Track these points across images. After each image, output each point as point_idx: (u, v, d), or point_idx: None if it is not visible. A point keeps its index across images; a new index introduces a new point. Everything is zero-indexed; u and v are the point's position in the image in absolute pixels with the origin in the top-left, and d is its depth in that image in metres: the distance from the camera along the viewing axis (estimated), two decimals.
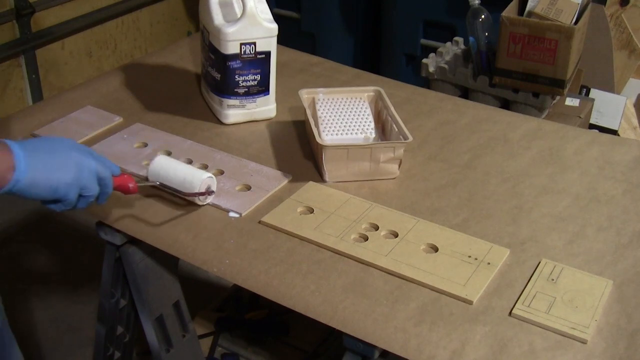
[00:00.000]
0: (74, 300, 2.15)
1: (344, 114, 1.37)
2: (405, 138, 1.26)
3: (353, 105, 1.39)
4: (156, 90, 1.58)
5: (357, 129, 1.35)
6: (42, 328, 2.09)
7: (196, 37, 1.63)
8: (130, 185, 1.11)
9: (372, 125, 1.36)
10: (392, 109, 1.35)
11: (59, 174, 0.99)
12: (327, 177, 1.27)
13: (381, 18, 2.57)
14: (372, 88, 1.43)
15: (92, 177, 1.03)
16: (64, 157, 1.01)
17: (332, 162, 1.25)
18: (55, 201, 1.01)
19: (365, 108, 1.39)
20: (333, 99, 1.40)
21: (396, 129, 1.31)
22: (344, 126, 1.35)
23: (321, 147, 1.24)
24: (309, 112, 1.35)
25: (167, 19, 3.17)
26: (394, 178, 1.29)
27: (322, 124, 1.34)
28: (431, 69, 1.99)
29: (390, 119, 1.34)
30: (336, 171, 1.27)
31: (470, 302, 1.01)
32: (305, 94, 1.40)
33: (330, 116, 1.36)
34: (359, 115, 1.37)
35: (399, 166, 1.29)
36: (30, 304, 2.16)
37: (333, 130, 1.33)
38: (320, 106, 1.38)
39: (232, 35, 1.35)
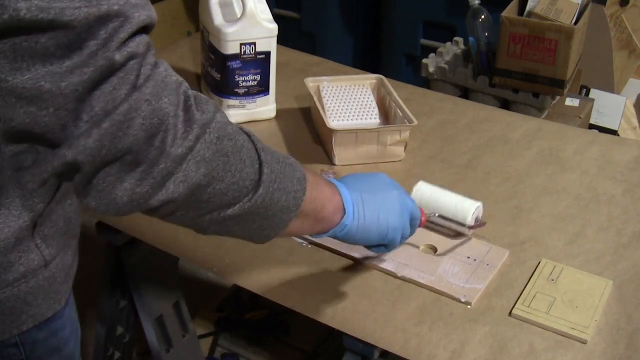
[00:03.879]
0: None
1: (349, 100, 1.40)
2: (410, 121, 1.30)
3: (356, 92, 1.43)
4: None
5: (362, 115, 1.38)
6: None
7: (196, 37, 1.63)
8: (423, 218, 1.01)
9: (376, 110, 1.39)
10: (396, 94, 1.39)
11: (387, 217, 0.92)
12: (336, 160, 1.32)
13: (381, 18, 2.57)
14: (374, 76, 1.48)
15: (409, 218, 0.96)
16: (388, 197, 0.93)
17: (341, 146, 1.30)
18: (379, 245, 0.95)
19: (369, 95, 1.42)
20: (337, 87, 1.43)
21: (400, 114, 1.35)
22: (349, 112, 1.38)
23: (331, 132, 1.28)
24: (315, 99, 1.38)
25: (167, 19, 3.17)
26: (400, 160, 1.34)
27: (328, 111, 1.37)
28: (431, 69, 1.99)
29: (394, 104, 1.38)
30: (345, 154, 1.31)
31: (468, 304, 1.01)
32: (310, 82, 1.43)
33: (335, 103, 1.39)
34: (362, 101, 1.41)
35: (405, 148, 1.33)
36: None
37: (339, 116, 1.37)
38: (325, 94, 1.41)
39: (232, 36, 1.35)
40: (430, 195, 1.14)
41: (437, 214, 1.11)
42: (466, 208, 1.11)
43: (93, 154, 0.65)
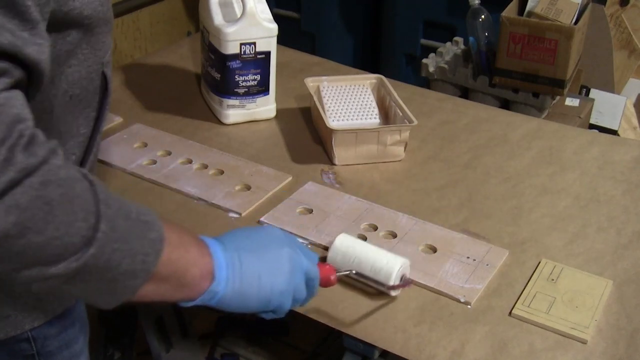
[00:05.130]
0: None
1: (349, 100, 1.40)
2: (410, 121, 1.31)
3: (356, 92, 1.42)
4: (156, 90, 1.58)
5: (362, 115, 1.38)
6: None
7: (196, 37, 1.64)
8: (332, 277, 0.91)
9: (376, 110, 1.39)
10: (396, 94, 1.39)
11: (271, 281, 0.80)
12: (336, 160, 1.31)
13: (381, 18, 2.57)
14: (374, 76, 1.48)
15: (303, 279, 0.85)
16: (275, 256, 0.81)
17: (341, 145, 1.30)
18: (265, 311, 0.86)
19: (369, 95, 1.42)
20: (337, 87, 1.43)
21: (400, 113, 1.35)
22: (349, 112, 1.38)
23: (331, 132, 1.28)
24: (315, 99, 1.38)
25: (167, 19, 3.17)
26: (400, 160, 1.34)
27: (328, 111, 1.37)
28: (431, 69, 1.99)
29: (394, 104, 1.38)
30: (345, 154, 1.31)
31: (468, 304, 1.01)
32: (310, 82, 1.43)
33: (335, 103, 1.39)
34: (363, 101, 1.41)
35: (405, 148, 1.33)
36: None
37: (339, 116, 1.37)
38: (325, 94, 1.41)
39: (232, 35, 1.35)
40: (350, 250, 1.03)
41: (354, 272, 0.99)
42: (389, 265, 1.00)
43: None
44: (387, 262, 1.00)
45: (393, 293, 1.02)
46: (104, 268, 0.67)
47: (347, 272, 0.98)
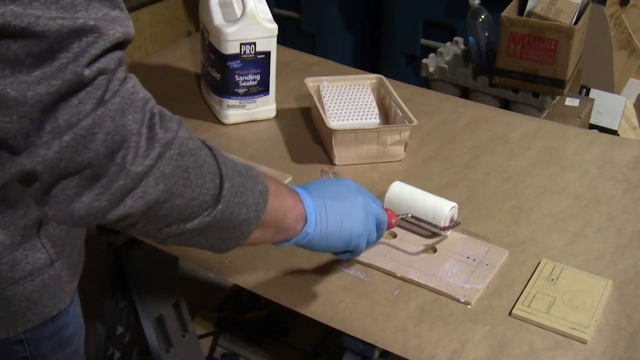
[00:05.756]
0: None
1: (349, 100, 1.40)
2: (410, 121, 1.30)
3: (356, 92, 1.42)
4: (156, 90, 1.56)
5: (362, 115, 1.38)
6: None
7: (196, 37, 1.63)
8: (393, 220, 1.03)
9: (376, 110, 1.39)
10: (396, 94, 1.39)
11: (350, 224, 0.92)
12: (336, 160, 1.32)
13: (381, 18, 2.57)
14: (374, 76, 1.48)
15: (374, 222, 0.96)
16: (352, 203, 0.93)
17: (341, 145, 1.30)
18: (345, 251, 0.95)
19: (369, 95, 1.42)
20: (337, 87, 1.43)
21: (400, 113, 1.35)
22: (349, 112, 1.38)
23: (331, 132, 1.28)
24: (315, 99, 1.38)
25: (167, 19, 3.17)
26: (400, 160, 1.34)
27: (328, 111, 1.37)
28: (431, 69, 1.99)
29: (394, 104, 1.38)
30: (345, 154, 1.31)
31: (468, 304, 1.01)
32: (310, 82, 1.43)
33: (335, 103, 1.39)
34: (363, 101, 1.40)
35: (405, 148, 1.33)
36: None
37: (339, 116, 1.36)
38: (325, 94, 1.40)
39: (232, 35, 1.35)
40: (405, 195, 1.14)
41: (410, 215, 1.10)
42: (440, 208, 1.11)
43: (52, 165, 0.65)
44: (438, 206, 1.11)
45: (443, 233, 1.12)
46: (228, 219, 0.77)
47: (404, 216, 1.09)
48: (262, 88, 1.43)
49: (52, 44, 0.62)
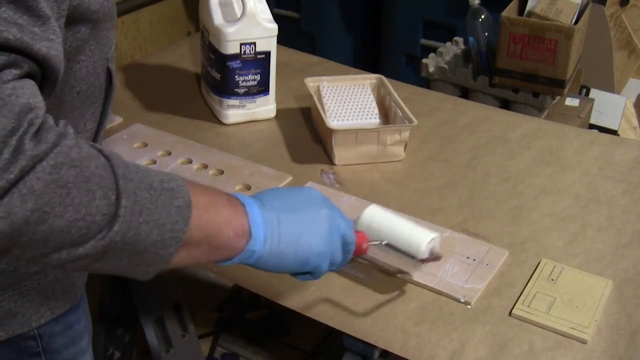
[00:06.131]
0: None
1: (349, 100, 1.40)
2: (410, 121, 1.30)
3: (356, 92, 1.42)
4: (156, 90, 1.58)
5: (362, 115, 1.38)
6: None
7: (196, 37, 1.63)
8: (364, 245, 0.89)
9: (376, 110, 1.39)
10: (396, 94, 1.39)
11: (309, 241, 0.79)
12: (336, 160, 1.32)
13: (381, 18, 2.57)
14: (374, 76, 1.48)
15: (340, 242, 0.83)
16: (314, 216, 0.80)
17: (341, 146, 1.30)
18: (303, 272, 0.83)
19: (369, 95, 1.42)
20: (337, 87, 1.43)
21: (400, 113, 1.35)
22: (349, 112, 1.38)
23: (331, 132, 1.28)
24: (315, 99, 1.38)
25: (167, 19, 3.17)
26: (400, 160, 1.34)
27: (328, 111, 1.37)
28: (431, 69, 1.99)
29: (394, 104, 1.38)
30: (345, 154, 1.31)
31: (468, 304, 1.01)
32: (310, 82, 1.43)
33: (335, 103, 1.39)
34: (363, 101, 1.40)
35: (405, 148, 1.33)
36: None
37: (339, 116, 1.37)
38: (325, 94, 1.40)
39: (232, 35, 1.35)
40: (380, 220, 1.00)
41: (384, 242, 0.97)
42: (418, 239, 0.97)
43: None
44: (417, 236, 0.98)
45: (420, 267, 1.00)
46: (133, 242, 0.66)
47: (378, 242, 0.97)
48: (262, 88, 1.43)
49: None
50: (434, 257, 1.00)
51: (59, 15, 0.68)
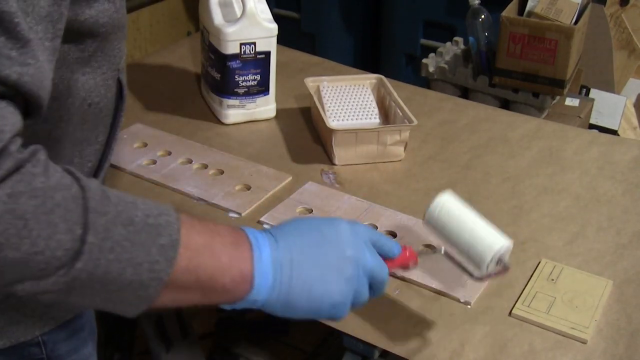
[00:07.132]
0: None
1: (349, 100, 1.40)
2: (410, 121, 1.30)
3: (356, 92, 1.42)
4: (156, 90, 1.58)
5: (362, 115, 1.38)
6: None
7: (196, 37, 1.63)
8: (411, 263, 0.82)
9: (376, 110, 1.39)
10: (396, 94, 1.39)
11: (324, 291, 0.71)
12: (336, 160, 1.31)
13: (381, 18, 2.57)
14: (374, 76, 1.48)
15: (366, 282, 0.75)
16: (334, 260, 0.71)
17: (341, 146, 1.30)
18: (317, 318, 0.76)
19: (369, 95, 1.42)
20: (337, 87, 1.43)
21: (400, 113, 1.35)
22: (349, 112, 1.38)
23: (331, 132, 1.28)
24: (315, 99, 1.38)
25: (167, 19, 3.17)
26: (400, 160, 1.34)
27: (328, 111, 1.37)
28: (431, 69, 1.99)
29: (394, 104, 1.38)
30: (345, 154, 1.31)
31: (468, 304, 1.01)
32: (310, 82, 1.43)
33: (335, 103, 1.39)
34: (363, 101, 1.40)
35: (405, 148, 1.33)
36: None
37: (339, 116, 1.36)
38: (325, 94, 1.40)
39: (232, 35, 1.35)
40: (450, 218, 0.88)
41: (443, 250, 0.87)
42: (487, 247, 0.84)
43: None
44: (483, 241, 0.84)
45: (484, 280, 0.88)
46: (103, 280, 0.61)
47: (434, 252, 0.87)
48: (262, 88, 1.43)
49: None
50: (501, 270, 0.86)
51: (53, 36, 0.64)
